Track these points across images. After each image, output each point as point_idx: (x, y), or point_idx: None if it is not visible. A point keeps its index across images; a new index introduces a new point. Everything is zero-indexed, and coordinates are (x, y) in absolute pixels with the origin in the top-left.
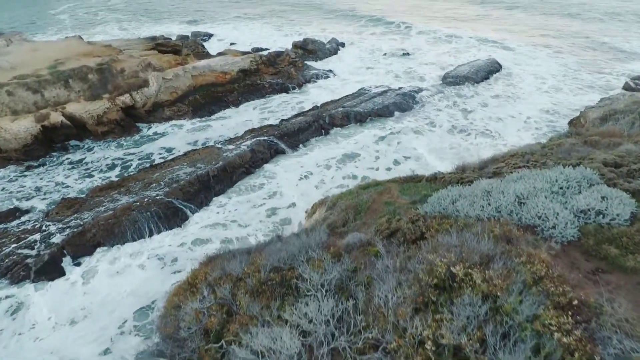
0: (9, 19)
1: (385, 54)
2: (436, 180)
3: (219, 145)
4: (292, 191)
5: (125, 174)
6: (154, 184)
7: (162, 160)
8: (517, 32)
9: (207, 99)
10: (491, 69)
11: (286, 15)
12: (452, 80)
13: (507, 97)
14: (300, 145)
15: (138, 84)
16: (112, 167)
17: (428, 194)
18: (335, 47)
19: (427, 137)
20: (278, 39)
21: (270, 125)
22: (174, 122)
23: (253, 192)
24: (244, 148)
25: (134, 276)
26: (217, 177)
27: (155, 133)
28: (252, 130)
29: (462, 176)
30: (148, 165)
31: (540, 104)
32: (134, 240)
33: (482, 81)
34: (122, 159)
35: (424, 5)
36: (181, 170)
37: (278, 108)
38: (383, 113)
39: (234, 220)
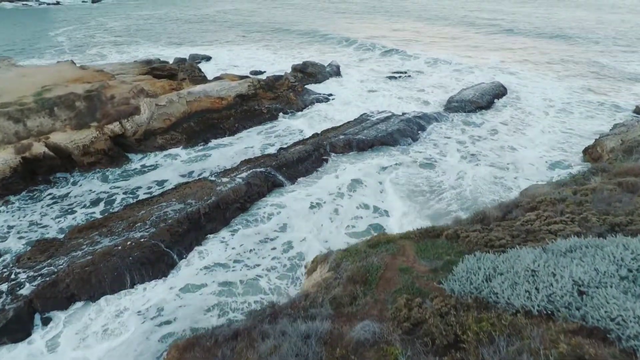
0: (7, 41)
1: (387, 77)
2: (458, 239)
3: (212, 178)
4: (301, 223)
5: (111, 210)
6: (139, 224)
7: (150, 195)
8: (516, 55)
9: (202, 126)
10: (497, 93)
11: (284, 39)
12: (457, 105)
13: (516, 123)
14: (300, 177)
15: (129, 111)
16: (96, 202)
17: (452, 260)
18: (335, 70)
19: (435, 169)
20: (277, 62)
21: (268, 155)
22: (166, 151)
23: (249, 228)
24: (239, 181)
25: (108, 341)
26: (209, 214)
27: (145, 164)
28: (248, 161)
29: (490, 237)
30: (135, 200)
31: (550, 130)
32: (113, 291)
33: (488, 105)
34: (108, 192)
35: (420, 30)
36: (170, 207)
37: (277, 135)
38: (387, 141)
39: (237, 259)
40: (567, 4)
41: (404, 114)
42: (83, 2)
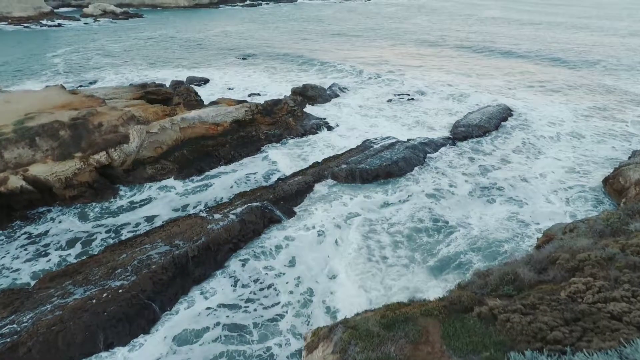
0: (1, 62)
1: (388, 100)
2: (495, 321)
3: (204, 214)
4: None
5: (90, 252)
6: (119, 270)
7: (134, 234)
8: (518, 77)
9: (196, 154)
10: (503, 116)
11: (284, 61)
12: (464, 130)
13: (527, 149)
14: (298, 212)
15: (117, 139)
16: (74, 242)
17: (493, 358)
18: (336, 93)
19: (445, 204)
20: (276, 84)
21: (265, 187)
22: (160, 183)
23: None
24: (233, 218)
25: None
26: (198, 258)
27: (135, 198)
28: (243, 194)
29: (539, 325)
30: (117, 240)
31: (563, 157)
32: (83, 356)
33: (496, 129)
34: (89, 232)
35: (420, 53)
36: (154, 250)
37: (275, 164)
38: (392, 170)
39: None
40: (566, 26)
41: (408, 140)
42: (85, 24)
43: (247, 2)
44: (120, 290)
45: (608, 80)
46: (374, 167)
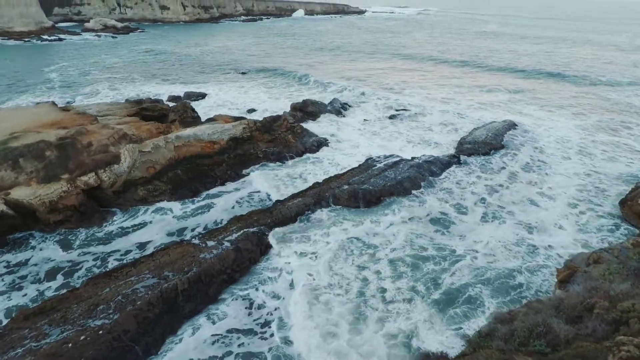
0: None
1: (390, 116)
2: None
3: (196, 242)
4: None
5: (71, 284)
6: (102, 306)
7: (121, 264)
8: (521, 91)
9: (191, 173)
10: (510, 132)
11: (284, 75)
12: (470, 146)
13: (536, 167)
14: (297, 237)
15: (107, 160)
16: (54, 273)
17: None
18: (337, 109)
19: (451, 228)
20: (276, 99)
21: (262, 211)
22: (152, 205)
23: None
24: (227, 245)
25: None
26: (189, 292)
27: (125, 221)
28: (239, 219)
29: None
30: (102, 271)
31: (574, 175)
32: None
33: (503, 146)
34: (72, 261)
35: (421, 69)
36: (141, 283)
37: (273, 184)
38: (397, 191)
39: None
40: (566, 41)
41: (413, 158)
42: (85, 38)
43: (249, 17)
44: (101, 332)
45: (612, 94)
46: (378, 187)
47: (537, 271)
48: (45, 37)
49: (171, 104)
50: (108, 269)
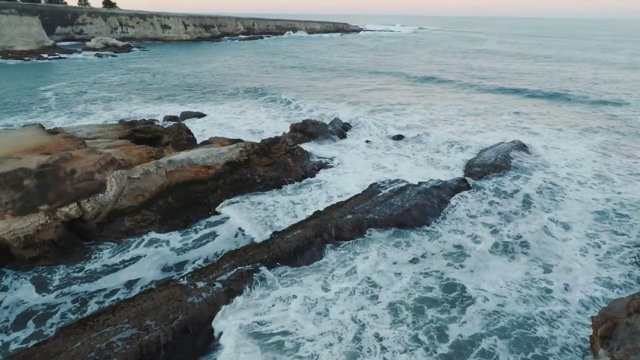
0: None
1: (394, 137)
2: None
3: (184, 282)
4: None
5: (44, 333)
6: None
7: (100, 309)
8: (523, 110)
9: (183, 201)
10: (519, 154)
11: (284, 94)
12: (479, 170)
13: (550, 193)
14: (296, 278)
15: (91, 188)
16: (25, 320)
17: None
18: (339, 129)
19: (462, 265)
20: (275, 119)
21: (258, 245)
22: (144, 237)
23: None
24: (219, 286)
25: None
26: (172, 345)
27: (113, 255)
28: (233, 254)
29: None
30: (78, 317)
31: (591, 200)
32: None
33: (512, 169)
34: (48, 304)
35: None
36: (118, 335)
37: (271, 213)
38: (404, 221)
39: None
40: (566, 60)
41: (420, 183)
42: (84, 57)
43: (249, 36)
44: None
45: (618, 111)
46: (384, 217)
47: (557, 320)
48: (45, 55)
49: (167, 125)
50: (84, 316)
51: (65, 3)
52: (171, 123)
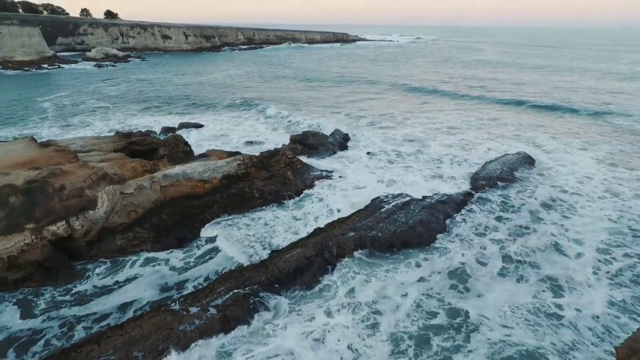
0: None
1: (396, 148)
2: None
3: (176, 307)
4: None
5: None
6: None
7: (85, 337)
8: (525, 121)
9: (177, 218)
10: (525, 166)
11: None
12: (485, 182)
13: (558, 207)
14: (295, 301)
15: (81, 205)
16: (6, 347)
17: None
18: (340, 140)
19: (470, 288)
20: (272, 131)
21: (255, 266)
22: (139, 256)
23: None
24: (212, 312)
25: None
26: None
27: (106, 276)
28: (228, 276)
29: None
30: (63, 344)
31: (602, 215)
32: None
33: (520, 181)
34: (32, 329)
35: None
36: None
37: (269, 230)
38: (409, 238)
39: None
40: (565, 70)
41: (424, 198)
42: (84, 67)
43: (250, 46)
44: None
45: (620, 121)
46: (388, 234)
47: (569, 353)
48: (45, 66)
49: (164, 137)
50: (67, 346)
51: (68, 14)
52: (169, 134)
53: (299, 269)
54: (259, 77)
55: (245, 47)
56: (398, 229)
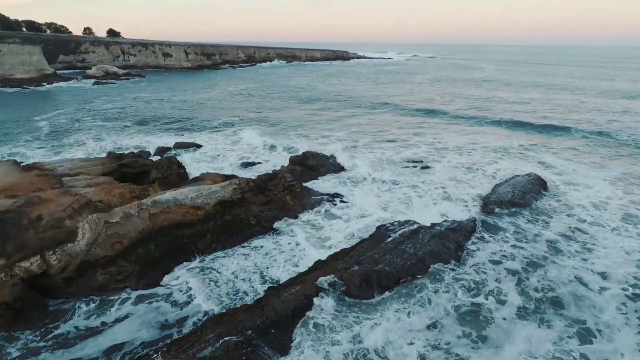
0: None
1: (401, 169)
2: None
3: (158, 359)
4: None
5: None
6: None
7: None
8: (532, 141)
9: (166, 249)
10: (537, 189)
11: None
12: (496, 207)
13: (577, 236)
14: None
15: (59, 237)
16: None
17: None
18: (340, 163)
19: (486, 335)
20: (271, 151)
21: (249, 308)
22: (131, 294)
23: None
24: None
25: None
26: None
27: (90, 316)
28: (219, 320)
29: None
30: None
31: (629, 247)
32: None
33: (532, 207)
34: None
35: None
36: None
37: (266, 262)
38: (418, 272)
39: None
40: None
41: (433, 225)
42: (84, 85)
43: (250, 64)
44: None
45: (628, 140)
46: (396, 268)
47: None
48: (44, 84)
49: (158, 158)
50: None
51: (71, 32)
52: (164, 155)
53: (298, 309)
54: (258, 95)
55: (245, 65)
56: (406, 262)
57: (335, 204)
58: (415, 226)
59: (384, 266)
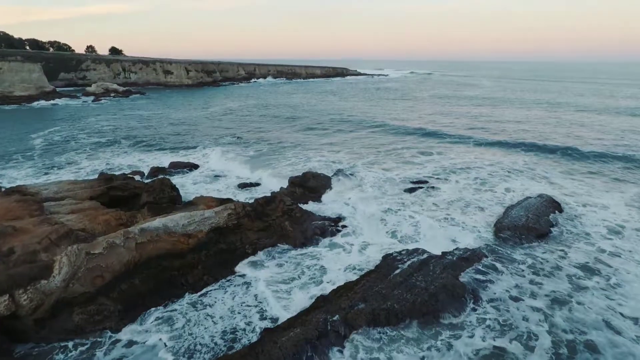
0: None
1: (406, 190)
2: None
3: None
4: None
5: None
6: None
7: None
8: (542, 163)
9: (152, 283)
10: (551, 211)
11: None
12: (510, 233)
13: (598, 269)
14: None
15: (32, 274)
16: None
17: None
18: (343, 183)
19: None
20: (270, 172)
21: (243, 355)
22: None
23: None
24: None
25: None
26: None
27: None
28: None
29: None
30: None
31: None
32: None
33: (548, 231)
34: None
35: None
36: None
37: (262, 295)
38: (431, 310)
39: None
40: (573, 107)
41: (444, 254)
42: (84, 102)
43: (251, 81)
44: None
45: (636, 157)
46: (406, 305)
47: None
48: (43, 101)
49: (151, 179)
50: None
51: (73, 51)
52: (157, 176)
53: (297, 356)
54: (258, 113)
55: (245, 82)
56: (417, 299)
57: (337, 229)
58: (425, 255)
59: (392, 303)
